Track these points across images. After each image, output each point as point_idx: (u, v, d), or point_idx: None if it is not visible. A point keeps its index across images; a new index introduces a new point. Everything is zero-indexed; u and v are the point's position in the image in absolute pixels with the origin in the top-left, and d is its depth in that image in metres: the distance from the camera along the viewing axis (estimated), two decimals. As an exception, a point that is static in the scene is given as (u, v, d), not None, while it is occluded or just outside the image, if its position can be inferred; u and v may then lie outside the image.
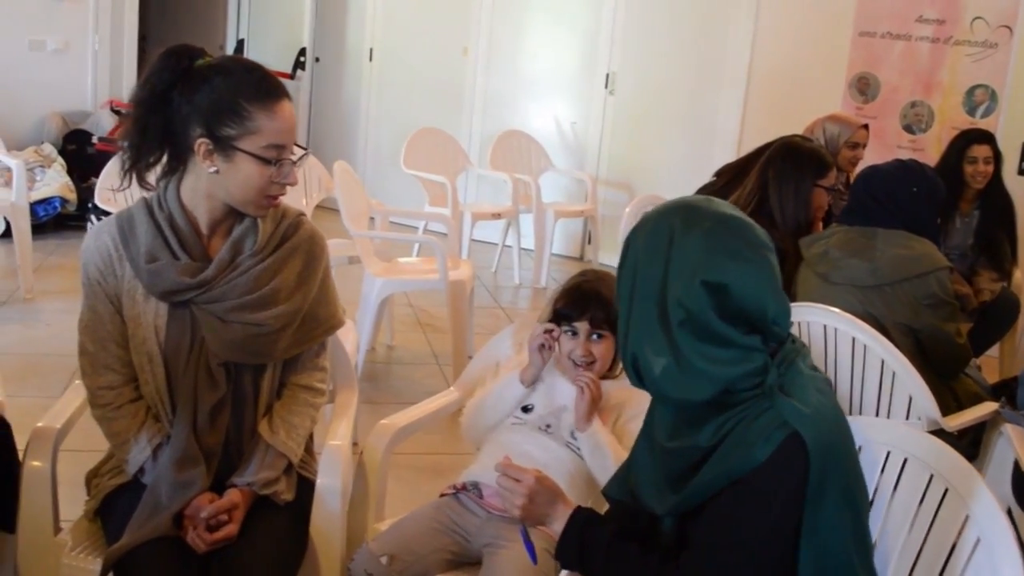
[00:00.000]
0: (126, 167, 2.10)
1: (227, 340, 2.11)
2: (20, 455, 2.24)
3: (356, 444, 2.73)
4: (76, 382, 2.35)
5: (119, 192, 2.19)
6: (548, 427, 2.31)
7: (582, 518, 1.74)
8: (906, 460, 1.86)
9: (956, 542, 1.75)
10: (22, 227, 5.59)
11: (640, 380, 1.66)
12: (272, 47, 9.57)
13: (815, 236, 3.22)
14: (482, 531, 2.20)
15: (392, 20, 8.70)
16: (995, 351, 4.77)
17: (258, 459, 2.14)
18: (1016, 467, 2.55)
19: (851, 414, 1.89)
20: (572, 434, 2.28)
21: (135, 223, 2.13)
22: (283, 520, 2.13)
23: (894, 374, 2.67)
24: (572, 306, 2.34)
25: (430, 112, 8.06)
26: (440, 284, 4.71)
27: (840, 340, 2.76)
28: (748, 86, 6.87)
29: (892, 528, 1.79)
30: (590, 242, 7.64)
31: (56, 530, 2.20)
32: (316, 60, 9.30)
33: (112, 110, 7.57)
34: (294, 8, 9.41)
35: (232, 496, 2.08)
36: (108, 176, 4.78)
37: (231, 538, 2.04)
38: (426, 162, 6.88)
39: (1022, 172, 5.60)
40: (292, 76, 9.10)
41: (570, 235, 7.81)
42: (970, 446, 2.93)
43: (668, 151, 7.33)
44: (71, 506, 2.28)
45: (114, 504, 2.15)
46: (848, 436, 1.62)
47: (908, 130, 6.27)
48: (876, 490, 1.82)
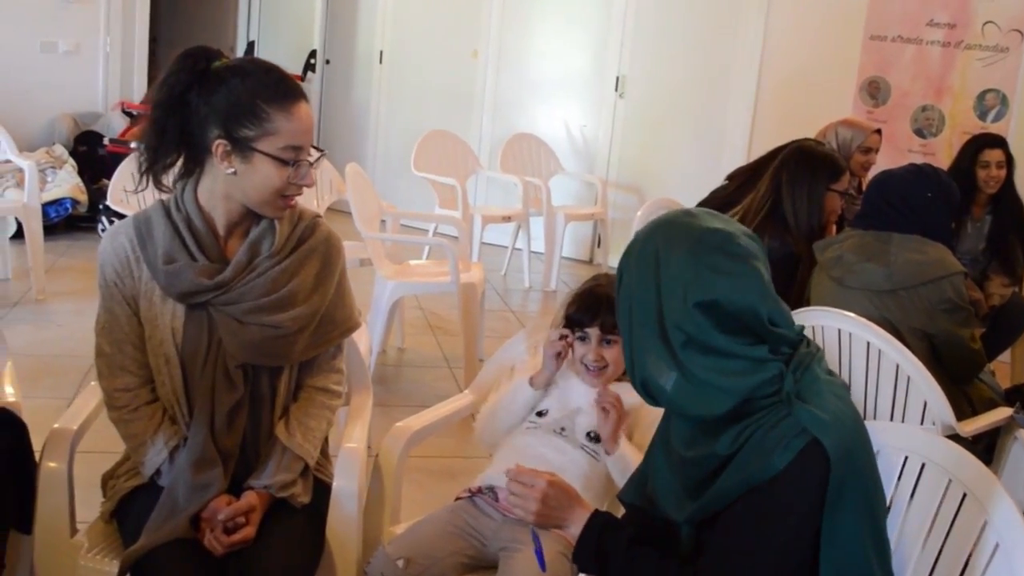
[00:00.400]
0: (143, 168, 2.10)
1: (244, 342, 2.11)
2: (36, 456, 2.24)
3: (369, 447, 2.73)
4: (92, 383, 2.36)
5: (135, 193, 2.18)
6: (563, 430, 2.31)
7: (600, 522, 1.74)
8: (924, 465, 1.85)
9: (974, 548, 1.75)
10: (34, 228, 5.60)
11: (654, 401, 1.67)
12: (282, 49, 9.58)
13: (829, 240, 3.21)
14: (498, 534, 2.20)
15: (402, 22, 8.70)
16: (1007, 356, 4.75)
17: (275, 461, 2.14)
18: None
19: (866, 419, 1.88)
20: (587, 436, 2.28)
21: (152, 225, 2.13)
22: (300, 523, 2.12)
23: (909, 379, 2.67)
24: (583, 311, 2.35)
25: (440, 114, 8.06)
26: (452, 287, 4.71)
27: (855, 344, 2.76)
28: (758, 89, 6.87)
29: (910, 534, 1.79)
30: (600, 245, 7.64)
31: (72, 531, 2.20)
32: (327, 62, 9.31)
33: (123, 112, 7.58)
34: (304, 10, 9.42)
35: (249, 498, 2.08)
36: (121, 177, 4.80)
37: (248, 541, 2.03)
38: (436, 165, 6.88)
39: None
40: (302, 78, 9.11)
41: (580, 238, 7.80)
42: (984, 451, 2.93)
43: (678, 154, 7.33)
44: (86, 508, 2.28)
45: (130, 506, 2.15)
46: (867, 442, 1.62)
47: (919, 134, 6.26)
48: (893, 496, 1.81)
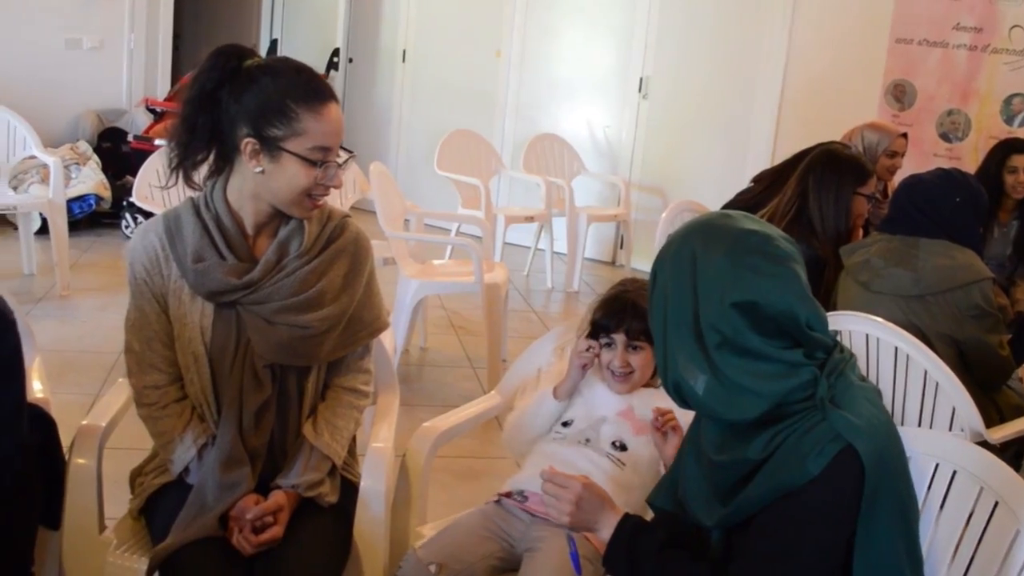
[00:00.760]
0: (173, 165, 2.11)
1: (273, 342, 2.11)
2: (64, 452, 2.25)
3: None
4: (120, 379, 2.37)
5: (164, 190, 2.19)
6: (588, 441, 2.30)
7: (631, 525, 1.74)
8: (955, 472, 1.85)
9: (1007, 557, 1.74)
10: (59, 224, 5.63)
11: (686, 404, 1.67)
12: (305, 47, 9.60)
13: (856, 244, 3.20)
14: (525, 535, 2.20)
15: (425, 21, 8.71)
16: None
17: (302, 461, 2.15)
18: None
19: (895, 425, 1.87)
20: (612, 445, 2.28)
21: (182, 223, 2.14)
22: (327, 522, 2.13)
23: (937, 385, 2.65)
24: (610, 317, 2.35)
25: (463, 114, 8.06)
26: (475, 287, 4.71)
27: (882, 350, 2.74)
28: (783, 92, 6.84)
29: (940, 542, 1.78)
30: (622, 247, 7.63)
31: (101, 528, 2.21)
32: (349, 61, 9.33)
33: (147, 109, 7.60)
34: (327, 8, 9.44)
35: (277, 498, 2.08)
36: (146, 174, 4.80)
37: (276, 540, 2.04)
38: (459, 164, 6.88)
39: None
40: (325, 76, 9.11)
41: (602, 239, 7.80)
42: (1013, 459, 2.91)
43: (701, 156, 7.31)
44: (113, 504, 2.29)
45: (158, 503, 2.16)
46: (900, 448, 1.62)
47: (944, 138, 6.23)
48: (924, 503, 1.81)
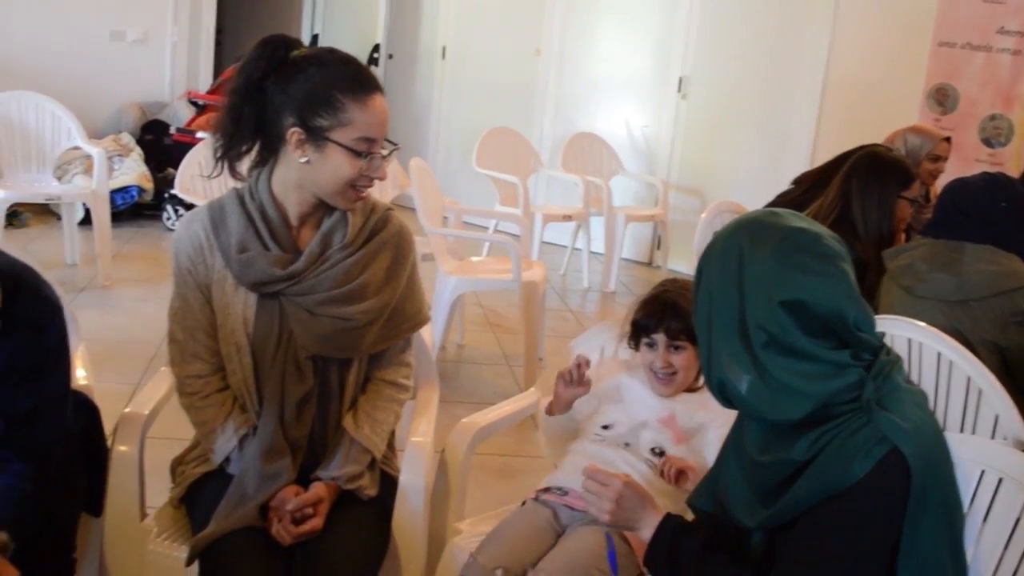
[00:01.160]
0: (218, 155, 2.11)
1: (315, 333, 2.11)
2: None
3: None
4: (162, 368, 2.38)
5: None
6: (627, 445, 2.28)
7: (672, 525, 1.73)
8: (1001, 480, 1.82)
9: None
10: (102, 215, 5.68)
11: (730, 404, 1.65)
12: (346, 43, 9.62)
13: (899, 248, 3.16)
14: (571, 521, 2.21)
15: (465, 18, 8.72)
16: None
17: (343, 453, 2.14)
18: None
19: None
20: (651, 451, 2.26)
21: (226, 213, 2.14)
22: (366, 515, 2.13)
23: (980, 391, 2.62)
24: (649, 317, 2.32)
25: (501, 112, 8.05)
26: (513, 284, 4.71)
27: (925, 354, 2.71)
28: (823, 94, 6.78)
29: (985, 549, 1.75)
30: (659, 247, 7.60)
31: (142, 516, 2.22)
32: (389, 57, 9.36)
33: (189, 101, 7.66)
34: (369, 4, 9.48)
35: (318, 490, 2.09)
36: (188, 166, 4.84)
37: (316, 532, 2.04)
38: (498, 162, 6.87)
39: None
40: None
41: (640, 240, 7.77)
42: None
43: (740, 158, 7.26)
44: (153, 493, 2.30)
45: (199, 492, 2.17)
46: (947, 453, 1.60)
47: (987, 143, 6.14)
48: (969, 509, 1.78)
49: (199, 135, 6.88)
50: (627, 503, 1.76)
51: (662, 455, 2.25)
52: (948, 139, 4.49)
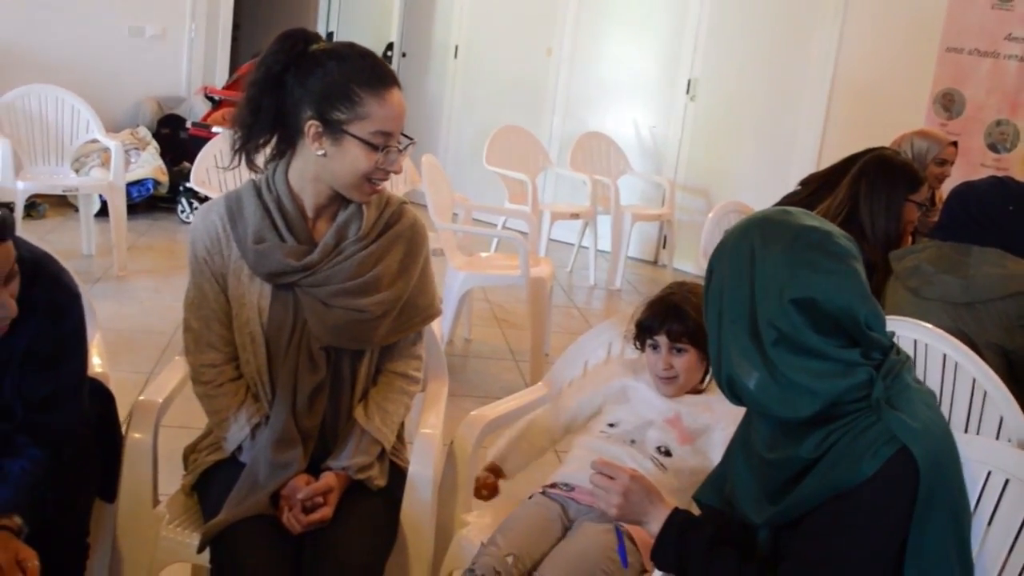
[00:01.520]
0: (236, 147, 2.11)
1: (329, 324, 2.11)
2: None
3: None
4: (176, 357, 2.38)
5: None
6: (633, 442, 2.28)
7: (680, 520, 1.71)
8: (1007, 481, 1.80)
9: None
10: (118, 206, 5.68)
11: (739, 400, 1.63)
12: (360, 41, 9.32)
13: (906, 250, 3.14)
14: (579, 514, 2.21)
15: (478, 18, 8.71)
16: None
17: (353, 444, 2.14)
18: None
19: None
20: (656, 449, 2.25)
21: (243, 204, 2.13)
22: (376, 505, 2.12)
23: (985, 393, 2.59)
24: (652, 319, 2.32)
25: (511, 110, 8.04)
26: (521, 280, 4.70)
27: (930, 356, 2.68)
28: (830, 97, 6.76)
29: (990, 551, 1.73)
30: (665, 246, 7.58)
31: (155, 502, 2.22)
32: (403, 55, 9.34)
33: (206, 96, 7.65)
34: (384, 3, 9.47)
35: (328, 479, 2.08)
36: (204, 160, 4.82)
37: (326, 521, 2.04)
38: (507, 160, 6.85)
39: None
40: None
41: (646, 239, 7.75)
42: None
43: (747, 159, 7.24)
44: (164, 481, 2.29)
45: (211, 480, 2.17)
46: (956, 453, 1.58)
47: (992, 149, 6.11)
48: (975, 510, 1.76)
49: (215, 129, 6.89)
50: (634, 497, 1.74)
51: (668, 454, 2.24)
52: (955, 143, 4.46)
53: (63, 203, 6.97)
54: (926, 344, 2.70)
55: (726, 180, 7.29)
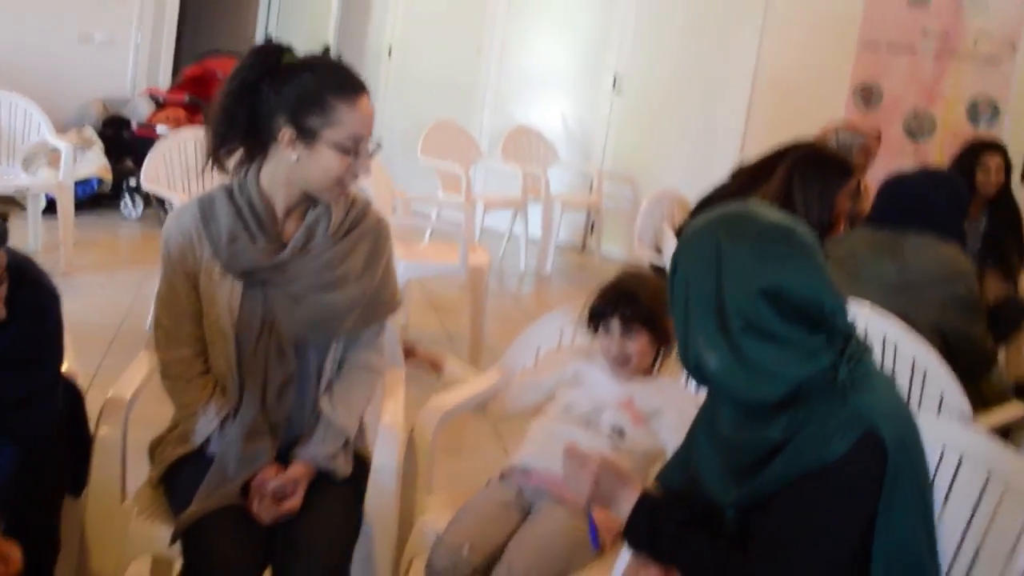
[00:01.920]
0: (209, 152, 2.12)
1: (299, 320, 2.12)
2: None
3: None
4: (141, 353, 2.37)
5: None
6: (588, 424, 2.28)
7: (651, 502, 1.67)
8: (962, 458, 1.80)
9: (1017, 542, 1.70)
10: (66, 205, 5.56)
11: (706, 384, 1.63)
12: (298, 43, 9.25)
13: (842, 237, 3.16)
14: (537, 497, 2.20)
15: (411, 20, 8.68)
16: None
17: (320, 434, 2.14)
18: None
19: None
20: (611, 429, 2.25)
21: (215, 206, 2.13)
22: (341, 495, 2.12)
23: (925, 372, 2.61)
24: (605, 304, 2.33)
25: (443, 107, 7.99)
26: (460, 269, 4.69)
27: (870, 337, 2.68)
28: (753, 90, 6.82)
29: (948, 526, 1.74)
30: (592, 233, 7.62)
31: (123, 497, 2.18)
32: (339, 56, 9.23)
33: (151, 97, 7.57)
34: (321, 6, 9.37)
35: (296, 469, 2.08)
36: (153, 160, 4.76)
37: (295, 511, 2.03)
38: (441, 153, 6.83)
39: (1024, 181, 5.54)
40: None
41: (574, 226, 7.78)
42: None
43: (672, 149, 7.28)
44: (130, 476, 2.24)
45: (178, 473, 2.14)
46: (918, 433, 1.56)
47: (911, 137, 6.20)
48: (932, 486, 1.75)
49: (159, 129, 6.84)
50: (605, 481, 1.70)
51: (622, 435, 2.25)
52: (878, 135, 4.51)
53: (9, 201, 6.78)
54: (866, 325, 2.70)
55: (651, 170, 7.29)
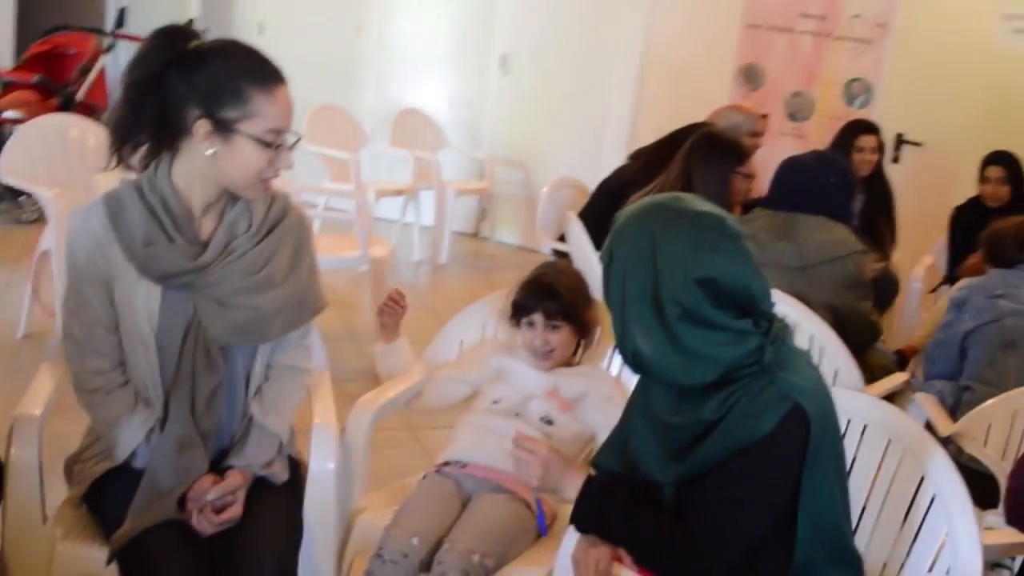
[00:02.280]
0: (113, 147, 2.05)
1: (227, 324, 2.10)
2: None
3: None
4: (43, 364, 2.31)
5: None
6: (517, 415, 2.42)
7: (596, 485, 1.85)
8: (866, 427, 2.04)
9: (914, 500, 1.95)
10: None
11: (643, 371, 1.79)
12: (156, 17, 8.97)
13: (742, 219, 3.40)
14: (476, 488, 2.33)
15: (283, -7, 8.50)
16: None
17: (253, 441, 2.15)
18: (928, 428, 2.77)
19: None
20: (540, 419, 2.40)
21: (125, 206, 2.06)
22: (281, 500, 2.14)
23: (822, 348, 2.87)
24: (528, 298, 2.48)
25: (323, 89, 7.86)
26: (360, 262, 4.70)
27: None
28: (641, 71, 7.00)
29: (855, 489, 1.94)
30: (485, 219, 7.73)
31: (44, 519, 2.15)
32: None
33: (-6, 78, 7.24)
34: (181, -23, 9.14)
35: (234, 477, 2.09)
36: (12, 150, 4.64)
37: (236, 519, 2.05)
38: (326, 139, 6.76)
39: (896, 160, 5.93)
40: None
41: (466, 212, 7.84)
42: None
43: (563, 133, 7.42)
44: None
45: (104, 489, 2.12)
46: (834, 406, 1.77)
47: (792, 118, 6.54)
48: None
49: (7, 114, 6.57)
50: (553, 467, 1.88)
51: (551, 423, 2.40)
52: (765, 116, 4.79)
53: None
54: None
55: (543, 154, 7.45)
